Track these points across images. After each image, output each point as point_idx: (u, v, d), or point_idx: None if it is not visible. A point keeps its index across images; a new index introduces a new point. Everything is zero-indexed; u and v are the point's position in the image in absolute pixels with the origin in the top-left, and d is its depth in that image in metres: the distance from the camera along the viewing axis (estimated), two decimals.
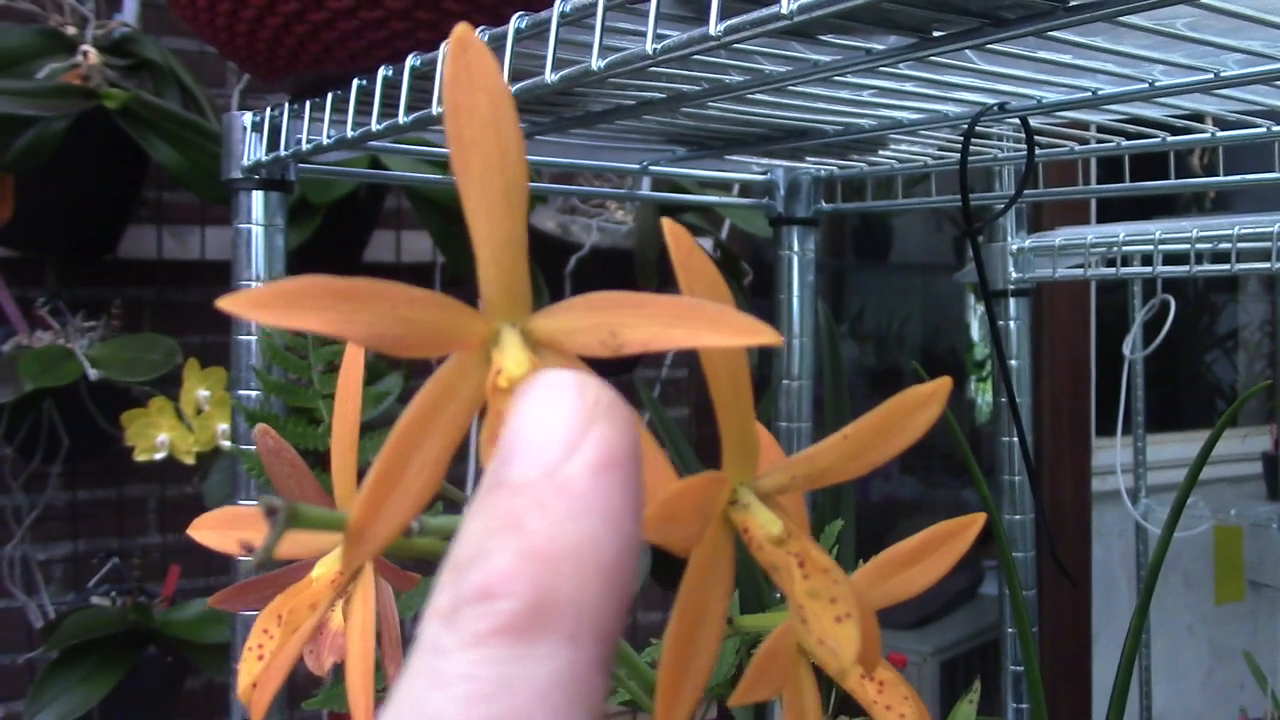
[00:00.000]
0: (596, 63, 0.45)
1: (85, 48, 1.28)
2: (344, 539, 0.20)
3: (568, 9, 0.47)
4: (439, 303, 0.22)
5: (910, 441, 0.23)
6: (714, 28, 0.39)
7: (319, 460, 0.79)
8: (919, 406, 0.23)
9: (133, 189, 1.42)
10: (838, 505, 0.79)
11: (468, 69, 0.21)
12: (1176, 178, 0.78)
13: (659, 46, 0.42)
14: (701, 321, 0.20)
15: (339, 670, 0.31)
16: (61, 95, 1.24)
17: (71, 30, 1.31)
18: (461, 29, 0.22)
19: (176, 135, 1.28)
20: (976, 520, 0.27)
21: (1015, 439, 0.92)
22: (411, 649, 0.17)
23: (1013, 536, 0.98)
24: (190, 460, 1.27)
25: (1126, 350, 1.81)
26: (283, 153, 0.68)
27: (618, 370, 1.74)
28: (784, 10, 0.36)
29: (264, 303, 0.20)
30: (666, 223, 0.22)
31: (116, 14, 1.37)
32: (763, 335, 0.20)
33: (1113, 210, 2.26)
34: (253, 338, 0.72)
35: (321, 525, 0.20)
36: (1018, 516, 0.96)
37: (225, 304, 0.20)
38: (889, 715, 0.27)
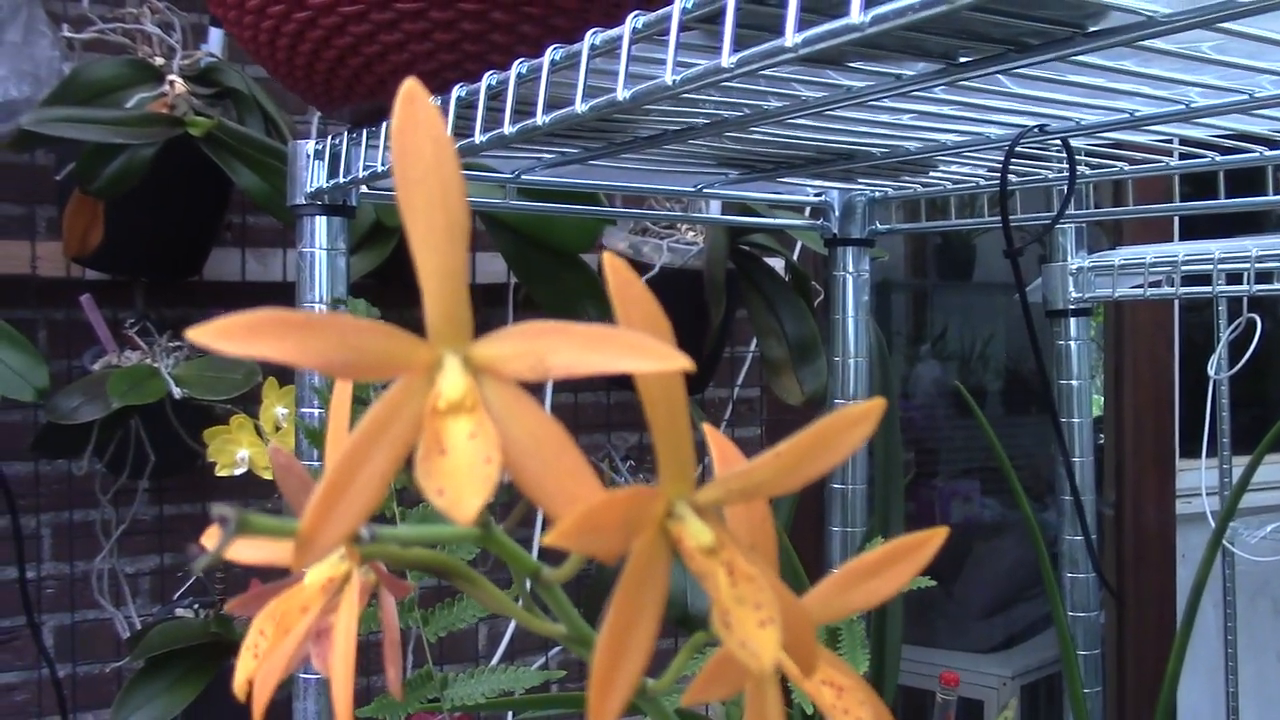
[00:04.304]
0: (622, 93, 0.47)
1: (172, 77, 1.33)
2: (294, 544, 0.22)
3: (598, 41, 0.49)
4: (386, 332, 0.23)
5: (842, 457, 0.24)
6: (726, 59, 0.41)
7: None
8: (852, 424, 0.24)
9: (217, 213, 1.46)
10: (886, 524, 0.80)
11: (413, 118, 0.23)
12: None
13: (679, 77, 0.44)
14: (620, 348, 0.22)
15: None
16: (149, 123, 1.29)
17: (159, 61, 1.36)
18: (410, 85, 0.24)
19: (258, 161, 1.32)
20: (937, 534, 0.28)
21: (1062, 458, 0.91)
22: None
23: (1074, 558, 0.97)
24: (269, 475, 1.30)
25: (1211, 370, 1.78)
26: (342, 179, 0.71)
27: (692, 389, 1.75)
28: (788, 43, 0.38)
29: (227, 333, 0.22)
30: (606, 255, 0.23)
31: (202, 44, 1.42)
32: (678, 361, 0.21)
33: (1200, 227, 2.23)
34: None
35: (272, 532, 0.22)
36: (1078, 537, 0.96)
37: (193, 334, 0.22)
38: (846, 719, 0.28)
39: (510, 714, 1.53)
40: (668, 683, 0.29)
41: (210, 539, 0.30)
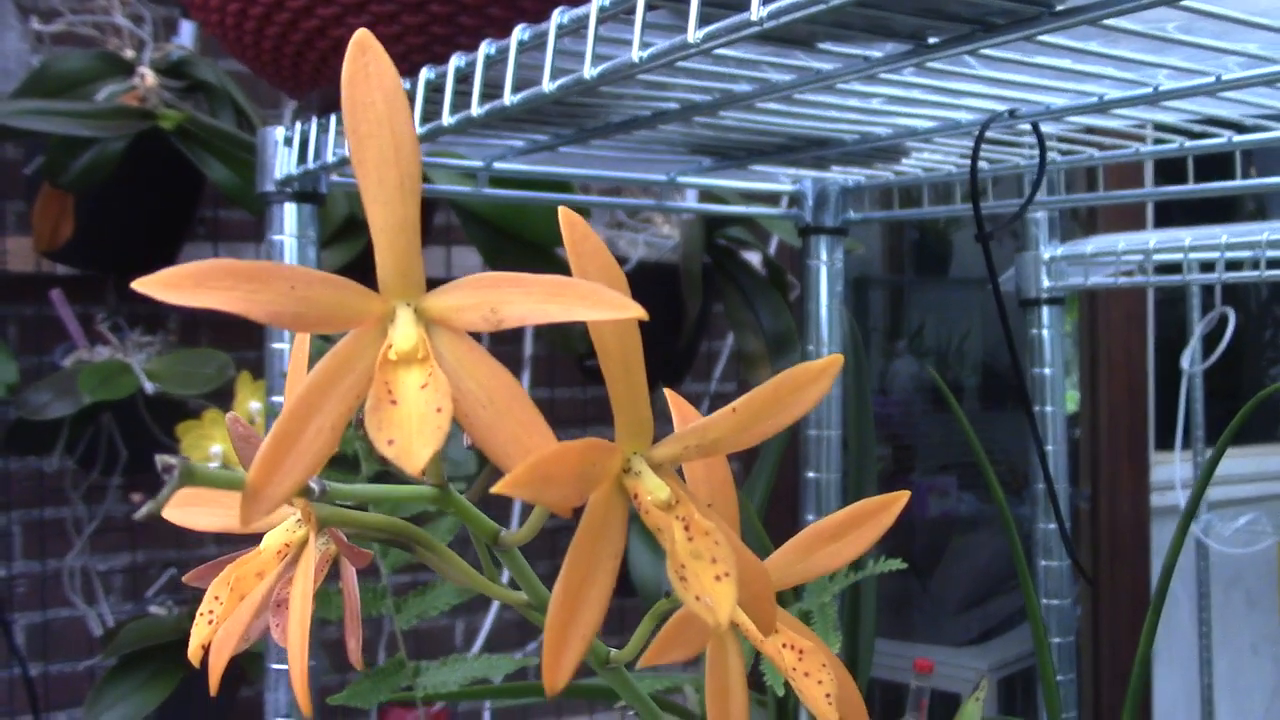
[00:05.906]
0: (589, 71, 0.47)
1: (143, 70, 1.32)
2: (242, 497, 0.22)
3: (565, 20, 0.49)
4: (337, 284, 0.23)
5: (798, 415, 0.24)
6: (692, 35, 0.41)
7: (353, 464, 0.81)
8: (808, 382, 0.24)
9: (189, 207, 1.45)
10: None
11: (365, 69, 0.23)
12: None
13: (645, 54, 0.44)
14: (575, 298, 0.22)
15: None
16: (119, 116, 1.28)
17: (130, 54, 1.35)
18: (361, 34, 0.23)
19: (230, 154, 1.31)
20: (899, 498, 0.28)
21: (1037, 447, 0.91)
22: None
23: (1048, 545, 0.97)
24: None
25: (1185, 363, 1.79)
26: (311, 165, 0.71)
27: (668, 382, 1.75)
28: (753, 17, 0.38)
29: (173, 283, 0.21)
30: (562, 210, 0.23)
31: (174, 37, 1.42)
32: (632, 309, 0.21)
33: (1174, 219, 2.24)
34: (285, 345, 0.74)
35: (218, 484, 0.22)
36: (1052, 525, 0.96)
37: (139, 285, 0.21)
38: (807, 682, 0.28)
39: (487, 704, 1.52)
40: (631, 651, 0.29)
41: (171, 510, 0.30)
